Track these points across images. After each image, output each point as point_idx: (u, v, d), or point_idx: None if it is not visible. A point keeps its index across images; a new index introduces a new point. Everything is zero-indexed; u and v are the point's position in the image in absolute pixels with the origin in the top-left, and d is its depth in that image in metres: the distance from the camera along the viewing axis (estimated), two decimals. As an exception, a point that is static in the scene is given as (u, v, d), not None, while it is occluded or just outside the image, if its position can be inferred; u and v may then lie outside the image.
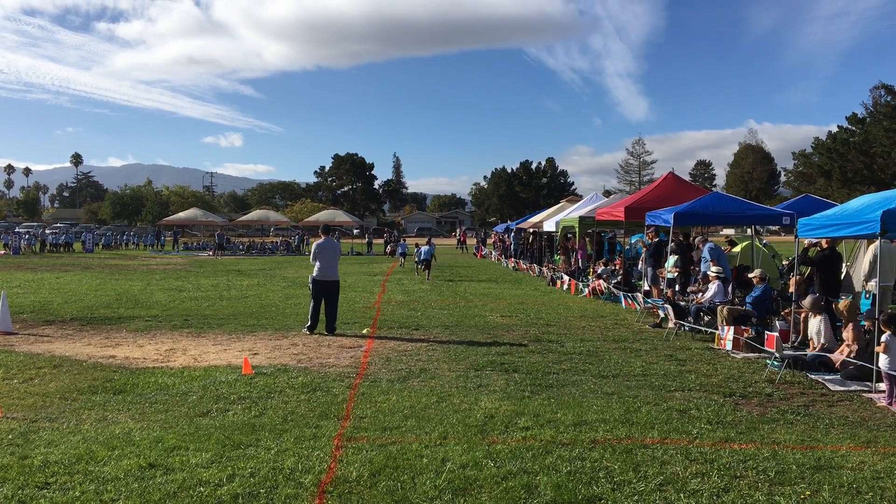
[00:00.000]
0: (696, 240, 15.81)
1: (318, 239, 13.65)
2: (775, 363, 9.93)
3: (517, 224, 39.17)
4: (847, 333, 9.92)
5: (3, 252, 44.80)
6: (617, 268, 20.86)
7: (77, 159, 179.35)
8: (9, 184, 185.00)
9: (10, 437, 6.65)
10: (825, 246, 12.13)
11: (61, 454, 6.15)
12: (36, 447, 6.35)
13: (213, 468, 5.85)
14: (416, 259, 27.41)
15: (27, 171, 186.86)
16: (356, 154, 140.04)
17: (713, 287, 13.66)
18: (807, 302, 10.92)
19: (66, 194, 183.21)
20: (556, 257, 27.50)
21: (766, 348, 10.47)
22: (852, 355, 9.55)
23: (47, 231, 59.43)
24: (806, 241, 12.89)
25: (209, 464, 5.95)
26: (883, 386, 8.45)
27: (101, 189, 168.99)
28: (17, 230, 61.27)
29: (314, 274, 13.13)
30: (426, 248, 26.65)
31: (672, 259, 15.74)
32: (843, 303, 10.29)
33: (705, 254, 14.96)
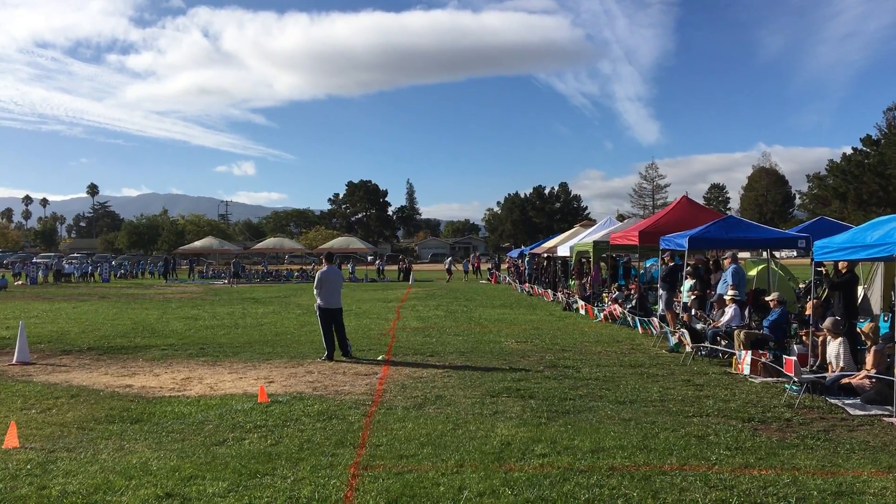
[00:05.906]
0: (724, 258, 15.65)
1: (322, 267, 14.09)
2: (794, 387, 9.83)
3: (531, 249, 39.16)
4: (869, 357, 9.83)
5: (20, 282, 45.21)
6: (632, 292, 20.77)
7: (93, 189, 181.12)
8: (26, 214, 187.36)
9: (28, 467, 6.68)
10: (843, 269, 12.03)
11: (79, 484, 6.17)
12: (54, 477, 6.38)
13: (230, 497, 5.85)
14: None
15: (44, 202, 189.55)
16: (370, 181, 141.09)
17: (730, 311, 13.58)
18: (828, 323, 10.82)
19: (82, 224, 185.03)
20: (571, 282, 27.44)
21: (784, 372, 10.37)
22: (869, 379, 9.45)
23: (64, 262, 59.77)
24: (829, 264, 12.81)
25: (226, 493, 5.95)
26: (904, 410, 8.34)
27: (118, 219, 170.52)
28: (34, 260, 61.85)
29: (320, 302, 13.43)
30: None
31: (688, 283, 15.66)
32: (867, 325, 10.22)
33: (727, 276, 14.74)
